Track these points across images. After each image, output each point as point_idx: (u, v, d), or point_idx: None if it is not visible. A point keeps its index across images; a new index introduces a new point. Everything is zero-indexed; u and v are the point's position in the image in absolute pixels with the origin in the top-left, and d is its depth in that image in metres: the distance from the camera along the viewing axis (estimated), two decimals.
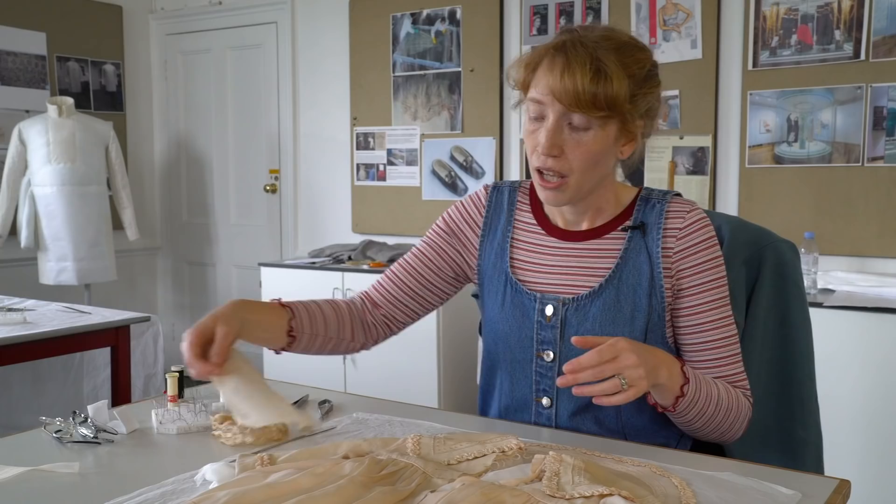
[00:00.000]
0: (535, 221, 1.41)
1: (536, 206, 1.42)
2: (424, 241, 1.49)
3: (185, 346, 1.17)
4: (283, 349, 1.37)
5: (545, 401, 1.35)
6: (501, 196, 1.45)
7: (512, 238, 1.41)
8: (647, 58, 1.28)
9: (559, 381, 1.14)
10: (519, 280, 1.37)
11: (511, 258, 1.39)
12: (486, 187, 1.48)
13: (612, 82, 1.21)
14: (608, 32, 1.27)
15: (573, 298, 1.32)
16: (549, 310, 1.33)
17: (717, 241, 1.32)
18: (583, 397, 1.27)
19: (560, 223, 1.38)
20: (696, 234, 1.30)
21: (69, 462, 1.16)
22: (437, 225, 1.49)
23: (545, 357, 1.35)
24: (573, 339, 1.17)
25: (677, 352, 1.35)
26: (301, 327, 1.36)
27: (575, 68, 1.21)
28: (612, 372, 1.12)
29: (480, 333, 1.50)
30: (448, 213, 1.49)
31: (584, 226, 1.36)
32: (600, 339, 1.15)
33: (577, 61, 1.22)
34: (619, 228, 1.34)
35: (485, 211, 1.45)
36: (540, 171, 1.28)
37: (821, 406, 1.55)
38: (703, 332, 1.30)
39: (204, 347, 1.18)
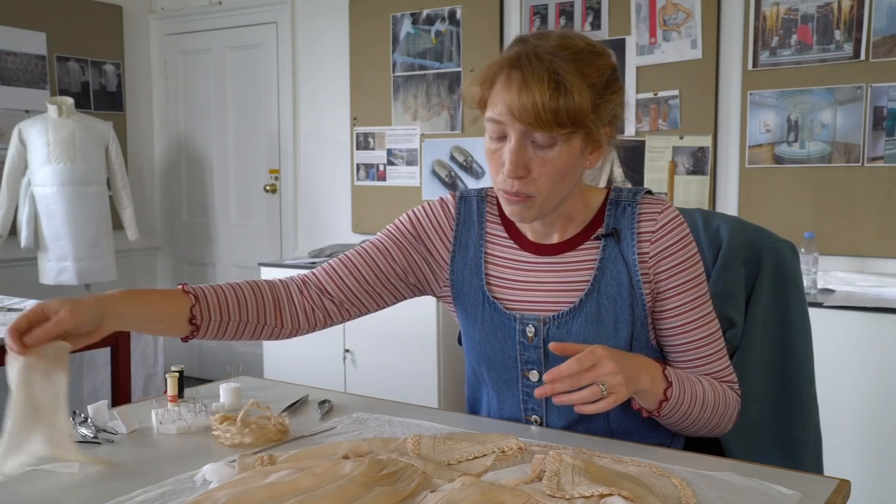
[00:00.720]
0: (506, 235, 1.36)
1: (506, 218, 1.36)
2: (388, 237, 1.40)
3: (20, 315, 1.12)
4: (188, 337, 1.30)
5: (535, 419, 1.35)
6: (470, 207, 1.39)
7: (486, 253, 1.36)
8: (607, 63, 1.22)
9: (538, 392, 1.13)
10: (497, 298, 1.33)
11: (486, 275, 1.35)
12: (452, 195, 1.41)
13: (573, 95, 1.15)
14: (563, 41, 1.20)
15: (554, 317, 1.29)
16: (530, 330, 1.30)
17: (691, 239, 1.29)
18: (572, 412, 1.27)
19: (530, 236, 1.34)
20: (670, 236, 1.27)
21: (69, 462, 1.16)
22: (403, 224, 1.41)
23: (531, 377, 1.33)
24: (551, 346, 1.16)
25: (661, 353, 1.34)
26: (205, 314, 1.28)
27: (532, 85, 1.15)
28: (591, 380, 1.11)
29: (460, 343, 1.46)
30: (415, 216, 1.41)
31: (556, 237, 1.32)
32: (579, 346, 1.15)
33: (533, 77, 1.15)
34: (593, 238, 1.30)
35: (454, 223, 1.39)
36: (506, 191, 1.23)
37: (820, 406, 1.55)
38: (686, 333, 1.29)
39: (33, 325, 1.10)
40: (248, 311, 1.33)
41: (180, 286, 1.30)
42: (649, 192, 1.32)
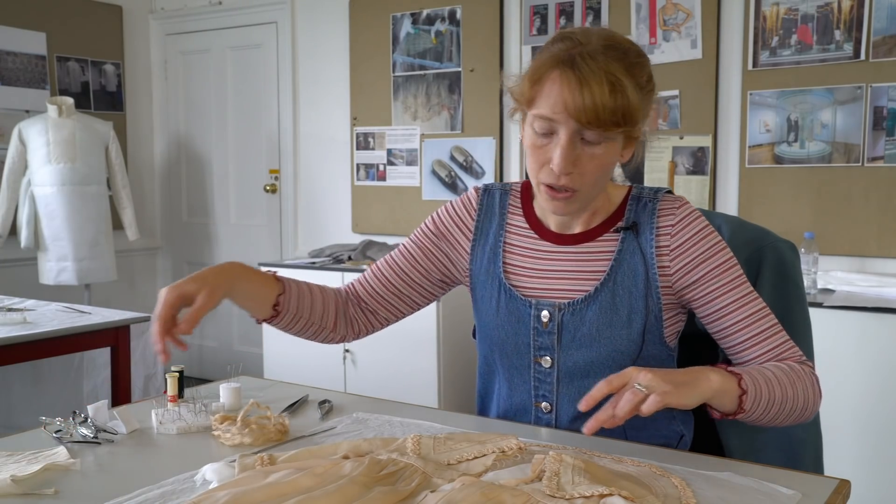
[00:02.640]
0: (527, 225, 1.39)
1: (529, 210, 1.40)
2: (412, 241, 1.47)
3: (159, 305, 1.19)
4: (265, 320, 1.38)
5: (545, 406, 1.35)
6: (493, 199, 1.43)
7: (504, 242, 1.39)
8: (647, 62, 1.27)
9: (586, 430, 1.06)
10: (512, 286, 1.36)
11: (504, 263, 1.38)
12: (476, 189, 1.45)
13: (628, 94, 1.18)
14: (609, 40, 1.22)
15: (569, 303, 1.31)
16: (544, 315, 1.32)
17: (713, 230, 1.30)
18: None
19: (553, 227, 1.37)
20: (689, 228, 1.29)
21: (71, 459, 1.16)
22: (426, 225, 1.47)
23: (543, 363, 1.34)
24: (581, 406, 1.09)
25: (715, 347, 1.35)
26: (287, 305, 1.37)
27: (592, 84, 1.17)
28: (622, 387, 1.08)
29: (474, 337, 1.48)
30: (437, 215, 1.47)
31: (578, 228, 1.35)
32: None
33: (592, 76, 1.17)
34: (612, 230, 1.33)
35: (476, 214, 1.43)
36: (550, 186, 1.25)
37: (821, 406, 1.55)
38: (729, 315, 1.27)
39: (177, 310, 1.20)
40: (316, 312, 1.41)
41: (272, 272, 1.38)
42: (670, 192, 1.34)
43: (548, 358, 1.33)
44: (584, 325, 1.30)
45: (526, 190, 1.42)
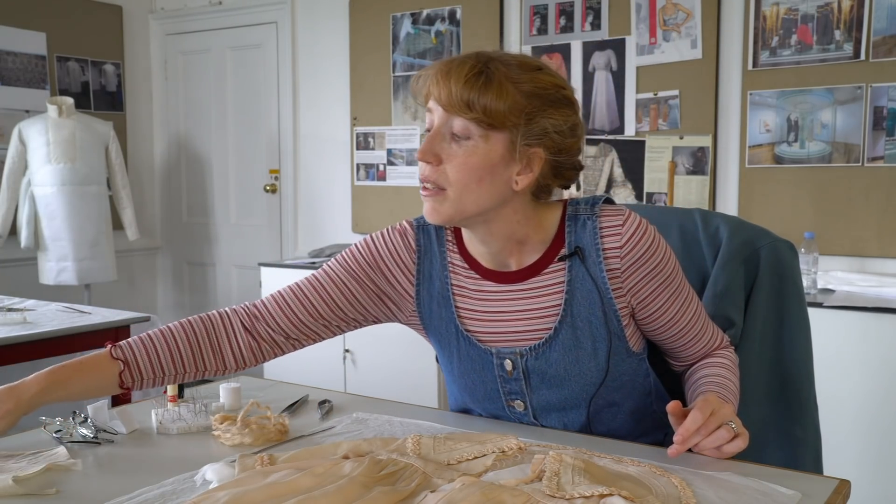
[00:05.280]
0: (466, 265, 1.31)
1: (463, 248, 1.32)
2: (341, 267, 1.34)
3: None
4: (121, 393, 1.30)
5: (518, 404, 1.34)
6: (429, 237, 1.34)
7: (452, 285, 1.32)
8: (553, 83, 1.19)
9: (671, 453, 1.12)
10: (469, 331, 1.30)
11: (456, 307, 1.31)
12: (410, 224, 1.35)
13: (492, 87, 1.14)
14: (522, 55, 1.21)
15: (530, 348, 1.27)
16: (508, 364, 1.29)
17: (658, 238, 1.25)
18: (565, 430, 1.31)
19: (486, 264, 1.30)
20: (638, 247, 1.23)
21: (72, 459, 1.16)
22: (359, 254, 1.34)
23: (516, 406, 1.33)
24: (676, 440, 1.12)
25: (650, 344, 1.37)
26: (136, 376, 1.27)
27: (454, 71, 1.16)
28: (717, 423, 1.13)
29: (438, 362, 1.44)
30: (372, 246, 1.35)
31: (513, 264, 1.28)
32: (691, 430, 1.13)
33: (460, 65, 1.17)
34: (556, 259, 1.26)
35: (416, 255, 1.34)
36: (422, 183, 1.21)
37: (820, 406, 1.55)
38: (676, 322, 1.31)
39: None
40: (183, 363, 1.30)
41: (108, 347, 1.27)
42: (608, 200, 1.27)
43: (520, 402, 1.32)
44: (551, 367, 1.27)
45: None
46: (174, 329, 1.31)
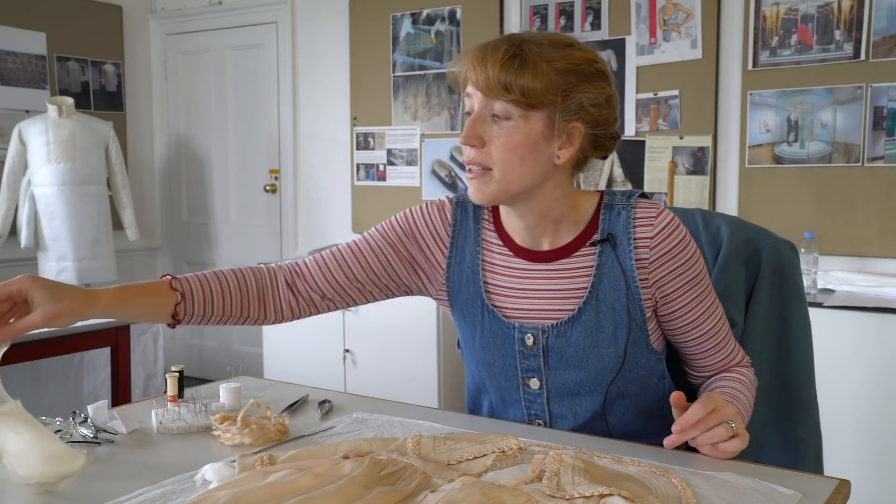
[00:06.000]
0: (500, 242, 1.35)
1: (500, 226, 1.36)
2: (380, 235, 1.39)
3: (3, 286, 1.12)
4: (170, 325, 1.32)
5: (538, 423, 1.35)
6: (466, 213, 1.38)
7: (482, 261, 1.35)
8: (584, 58, 1.23)
9: (667, 442, 1.15)
10: (495, 307, 1.33)
11: (485, 283, 1.34)
12: (449, 200, 1.40)
13: (527, 68, 1.18)
14: (551, 33, 1.26)
15: (553, 325, 1.29)
16: (528, 339, 1.31)
17: (689, 238, 1.29)
18: (575, 419, 1.32)
19: (519, 241, 1.33)
20: (668, 240, 1.26)
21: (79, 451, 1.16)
22: (397, 224, 1.40)
23: (531, 384, 1.34)
24: (675, 430, 1.15)
25: (671, 348, 1.36)
26: (188, 310, 1.30)
27: (489, 56, 1.20)
28: (717, 421, 1.14)
29: (459, 347, 1.47)
30: (410, 217, 1.40)
31: (546, 243, 1.31)
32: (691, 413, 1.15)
33: (493, 49, 1.21)
34: (588, 244, 1.29)
35: (451, 229, 1.38)
36: (467, 166, 1.26)
37: (821, 406, 1.55)
38: (697, 327, 1.31)
39: (12, 305, 1.13)
40: (231, 306, 1.34)
41: (168, 278, 1.30)
42: (643, 195, 1.31)
43: (536, 380, 1.33)
44: (570, 347, 1.29)
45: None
46: (226, 274, 1.36)
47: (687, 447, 1.35)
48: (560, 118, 1.21)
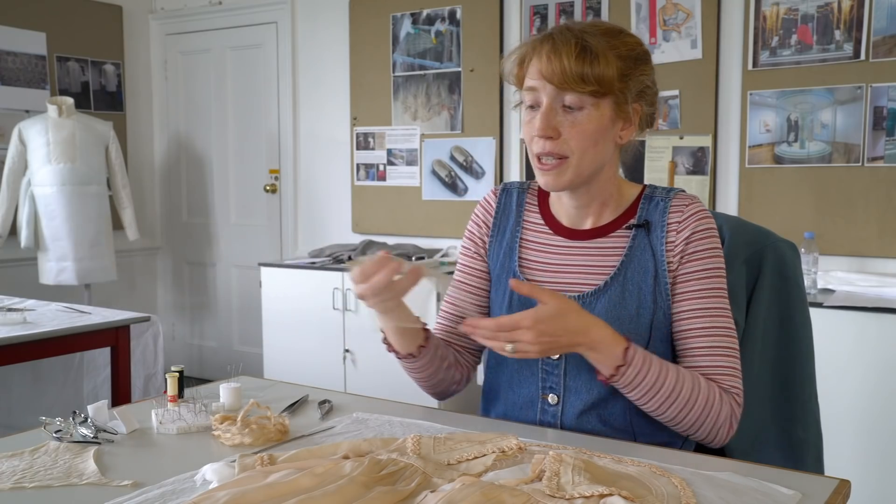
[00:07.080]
0: (542, 221, 1.42)
1: (545, 207, 1.44)
2: (462, 256, 1.50)
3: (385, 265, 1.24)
4: (409, 355, 1.38)
5: (552, 398, 1.35)
6: (510, 197, 1.47)
7: (521, 238, 1.42)
8: (636, 42, 1.32)
9: (463, 326, 1.22)
10: (526, 279, 1.39)
11: (520, 258, 1.41)
12: (494, 192, 1.49)
13: (599, 59, 1.25)
14: (595, 21, 1.32)
15: (579, 296, 1.33)
16: None
17: (716, 235, 1.32)
18: (590, 397, 1.32)
19: (565, 221, 1.40)
20: (693, 224, 1.31)
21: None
22: (466, 239, 1.50)
23: (551, 356, 1.34)
24: (511, 283, 1.26)
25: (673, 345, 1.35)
26: (426, 351, 1.38)
27: (561, 49, 1.25)
28: (505, 340, 1.18)
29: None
30: (470, 226, 1.50)
31: (589, 223, 1.38)
32: (539, 291, 1.21)
33: (562, 42, 1.26)
34: (624, 227, 1.35)
35: (494, 213, 1.47)
36: (539, 158, 1.30)
37: (821, 406, 1.55)
38: (695, 319, 1.29)
39: (368, 275, 1.24)
40: (448, 367, 1.44)
41: (422, 323, 1.39)
42: (682, 191, 1.37)
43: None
44: None
45: (537, 178, 1.43)
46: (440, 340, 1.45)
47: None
48: (627, 102, 1.29)
